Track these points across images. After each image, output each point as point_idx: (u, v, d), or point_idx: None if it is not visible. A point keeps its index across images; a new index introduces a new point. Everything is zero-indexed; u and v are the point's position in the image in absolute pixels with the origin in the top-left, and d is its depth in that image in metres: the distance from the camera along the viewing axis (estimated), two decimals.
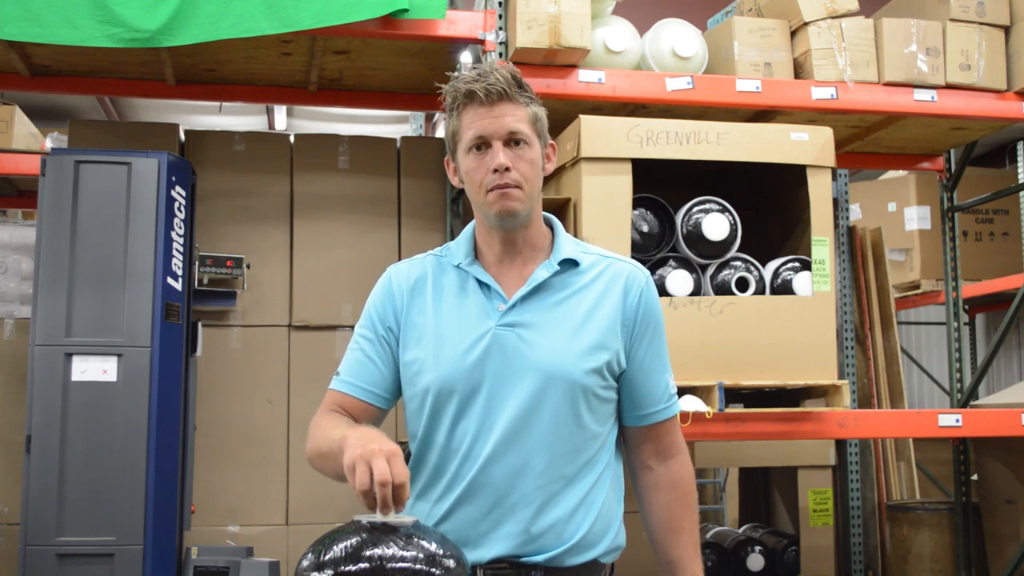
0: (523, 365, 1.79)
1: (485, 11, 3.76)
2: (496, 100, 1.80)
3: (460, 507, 1.80)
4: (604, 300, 1.86)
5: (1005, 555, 4.68)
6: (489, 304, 1.84)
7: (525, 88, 1.85)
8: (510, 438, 1.78)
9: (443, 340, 1.84)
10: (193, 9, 3.51)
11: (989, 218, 6.53)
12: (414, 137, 5.43)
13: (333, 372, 1.97)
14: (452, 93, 1.84)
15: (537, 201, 1.88)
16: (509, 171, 1.79)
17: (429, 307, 1.88)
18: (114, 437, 3.65)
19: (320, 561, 1.52)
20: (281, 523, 4.41)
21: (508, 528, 1.77)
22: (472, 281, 1.87)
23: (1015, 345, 8.60)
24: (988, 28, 4.11)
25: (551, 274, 1.85)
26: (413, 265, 1.96)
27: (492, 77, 1.80)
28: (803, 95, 3.93)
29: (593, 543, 1.81)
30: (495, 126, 1.80)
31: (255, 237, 4.53)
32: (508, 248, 1.87)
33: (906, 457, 5.57)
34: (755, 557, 4.84)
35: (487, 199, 1.81)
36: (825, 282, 3.55)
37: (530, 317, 1.82)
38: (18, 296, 4.47)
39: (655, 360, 1.89)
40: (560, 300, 1.84)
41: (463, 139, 1.83)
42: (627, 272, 1.90)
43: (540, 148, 1.86)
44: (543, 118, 1.88)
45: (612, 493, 1.87)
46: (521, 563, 1.77)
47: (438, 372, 1.83)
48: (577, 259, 1.88)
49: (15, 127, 5.47)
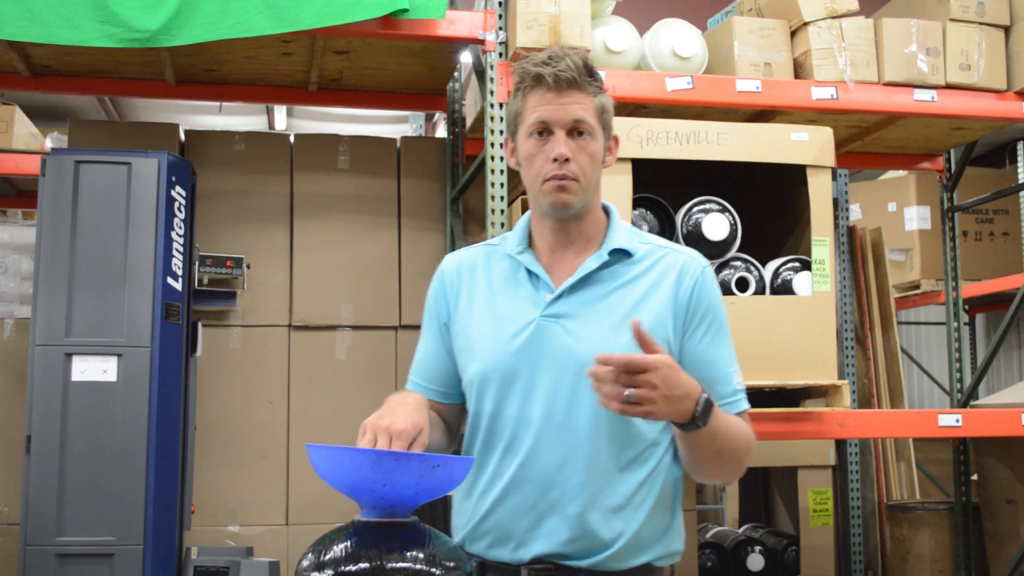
0: (564, 357, 1.74)
1: (485, 11, 3.76)
2: (564, 87, 1.74)
3: (502, 503, 1.76)
4: (655, 291, 1.79)
5: (1005, 555, 4.68)
6: (536, 294, 1.80)
7: (595, 77, 1.79)
8: (550, 432, 1.73)
9: (489, 330, 1.81)
10: (193, 9, 3.51)
11: (989, 218, 6.53)
12: (414, 137, 5.43)
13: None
14: (520, 73, 1.78)
15: (594, 193, 1.82)
16: (568, 162, 1.74)
17: (478, 297, 1.85)
18: (114, 437, 3.65)
19: (320, 561, 1.52)
20: (281, 523, 4.41)
21: (550, 525, 1.72)
22: (523, 270, 1.83)
23: (1015, 345, 8.60)
24: (988, 28, 4.11)
25: (600, 264, 1.79)
26: (464, 255, 1.93)
27: (563, 63, 1.74)
28: (803, 95, 3.93)
29: (643, 546, 1.75)
30: (560, 113, 1.74)
31: (255, 237, 4.53)
32: (560, 238, 1.82)
33: (906, 457, 5.57)
34: (755, 557, 4.84)
35: (542, 188, 1.76)
36: (825, 282, 3.55)
37: (576, 308, 1.77)
38: (18, 296, 4.47)
39: (715, 354, 1.80)
40: (608, 291, 1.78)
41: (525, 121, 1.78)
42: (681, 262, 1.82)
43: (603, 140, 1.81)
44: (610, 109, 1.82)
45: (666, 494, 1.79)
46: (566, 566, 1.72)
47: (482, 362, 1.80)
48: (630, 249, 1.81)
49: (15, 127, 5.47)
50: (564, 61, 1.74)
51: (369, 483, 1.52)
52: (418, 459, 1.53)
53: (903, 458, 5.55)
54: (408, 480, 1.52)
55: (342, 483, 1.55)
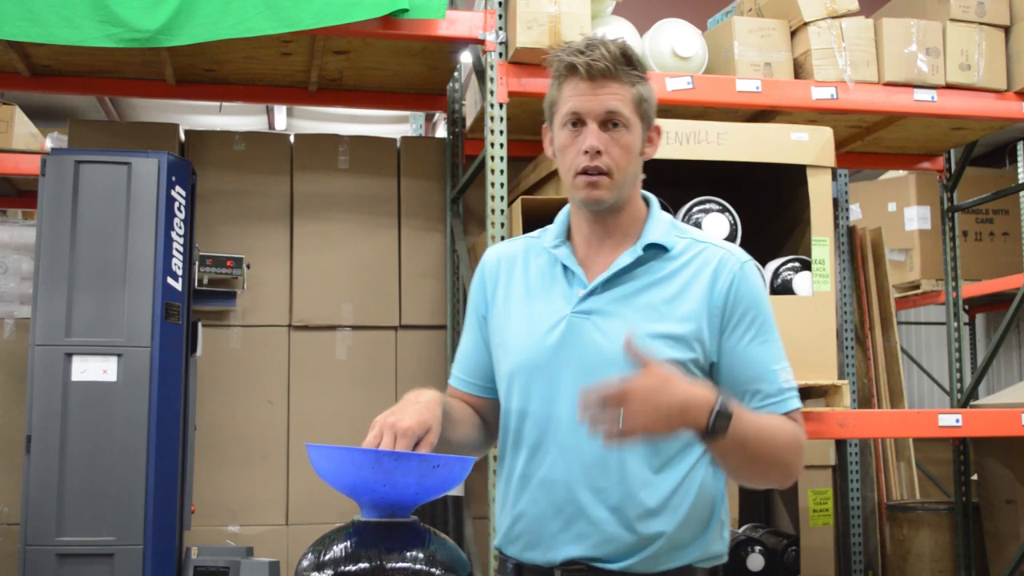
0: (593, 355, 1.69)
1: (485, 11, 3.76)
2: (598, 77, 1.68)
3: (532, 506, 1.72)
4: (690, 288, 1.73)
5: (1005, 555, 4.68)
6: (570, 290, 1.75)
7: (635, 65, 1.72)
8: (578, 433, 1.66)
9: (522, 326, 1.77)
10: (193, 9, 3.51)
11: (989, 218, 6.53)
12: (414, 137, 5.43)
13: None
14: (556, 62, 1.73)
15: (631, 187, 1.76)
16: (600, 155, 1.69)
17: (515, 291, 1.81)
18: (114, 437, 3.65)
19: (320, 561, 1.52)
20: (281, 523, 4.41)
21: (579, 528, 1.68)
22: (559, 265, 1.78)
23: (1015, 345, 8.59)
24: (988, 28, 4.11)
25: (635, 260, 1.74)
26: (505, 248, 1.89)
27: (597, 52, 1.68)
28: (803, 95, 3.93)
29: (680, 548, 1.70)
30: (592, 104, 1.69)
31: (255, 237, 4.53)
32: (597, 230, 1.78)
33: (906, 457, 5.57)
34: (755, 557, 4.84)
35: (574, 181, 1.72)
36: (825, 282, 3.55)
37: (607, 305, 1.72)
38: (18, 296, 4.47)
39: (757, 351, 1.73)
40: (642, 287, 1.73)
41: (559, 111, 1.74)
42: (719, 258, 1.75)
43: (641, 131, 1.75)
44: (649, 98, 1.76)
45: (706, 495, 1.74)
46: (600, 569, 1.68)
47: (514, 359, 1.77)
48: (666, 244, 1.75)
49: (15, 127, 5.46)
50: (599, 50, 1.69)
51: (369, 483, 1.52)
52: (418, 459, 1.53)
53: (903, 458, 5.55)
54: (408, 480, 1.52)
55: (342, 483, 1.55)
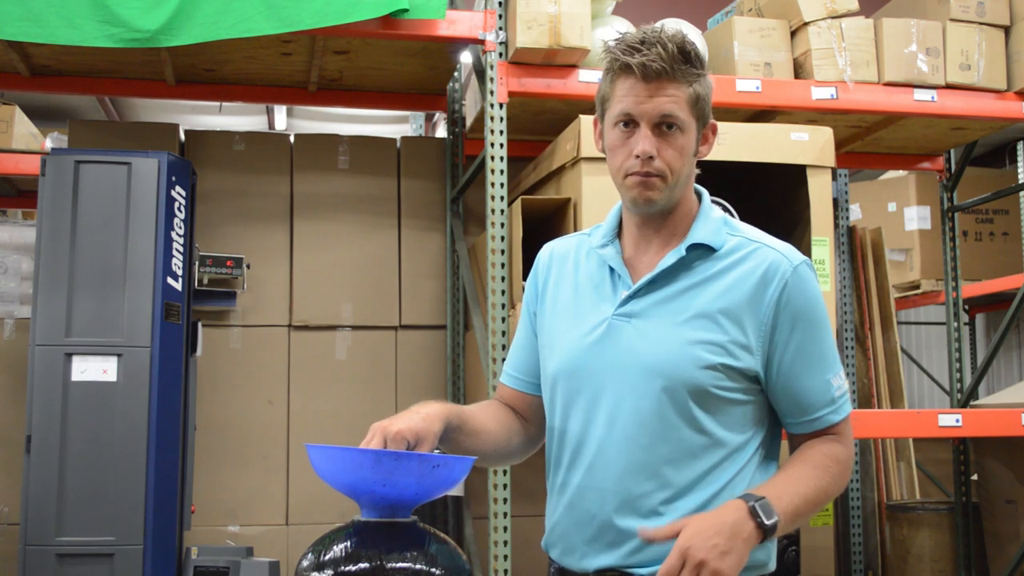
0: (629, 359, 1.64)
1: (485, 11, 3.77)
2: (653, 78, 1.61)
3: (568, 512, 1.69)
4: (735, 290, 1.64)
5: (1005, 555, 4.68)
6: (614, 291, 1.70)
7: (693, 63, 1.64)
8: (614, 438, 1.63)
9: (567, 327, 1.72)
10: (193, 9, 3.51)
11: (989, 218, 6.52)
12: (414, 137, 5.43)
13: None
14: (609, 57, 1.66)
15: (683, 188, 1.69)
16: (653, 159, 1.62)
17: (564, 290, 1.77)
18: (114, 437, 3.65)
19: (320, 561, 1.52)
20: (281, 523, 4.41)
21: (612, 537, 1.64)
22: (607, 265, 1.73)
23: (1015, 345, 8.59)
24: (988, 28, 4.11)
25: (678, 260, 1.67)
26: (559, 245, 1.84)
27: (654, 51, 1.60)
28: (803, 95, 3.93)
29: None
30: (646, 107, 1.61)
31: (255, 237, 4.53)
32: (645, 231, 1.72)
33: (906, 457, 5.57)
34: None
35: (624, 182, 1.66)
36: (825, 282, 3.55)
37: (648, 307, 1.66)
38: (18, 296, 4.47)
39: (810, 360, 1.65)
40: (684, 289, 1.66)
41: (611, 110, 1.66)
42: (769, 260, 1.66)
43: (696, 131, 1.67)
44: (705, 96, 1.67)
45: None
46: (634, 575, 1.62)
47: (556, 360, 1.72)
48: (712, 243, 1.68)
49: (15, 127, 5.46)
50: (655, 49, 1.61)
51: (369, 483, 1.52)
52: (418, 459, 1.53)
53: (903, 458, 5.55)
54: (408, 480, 1.52)
55: (342, 483, 1.55)
